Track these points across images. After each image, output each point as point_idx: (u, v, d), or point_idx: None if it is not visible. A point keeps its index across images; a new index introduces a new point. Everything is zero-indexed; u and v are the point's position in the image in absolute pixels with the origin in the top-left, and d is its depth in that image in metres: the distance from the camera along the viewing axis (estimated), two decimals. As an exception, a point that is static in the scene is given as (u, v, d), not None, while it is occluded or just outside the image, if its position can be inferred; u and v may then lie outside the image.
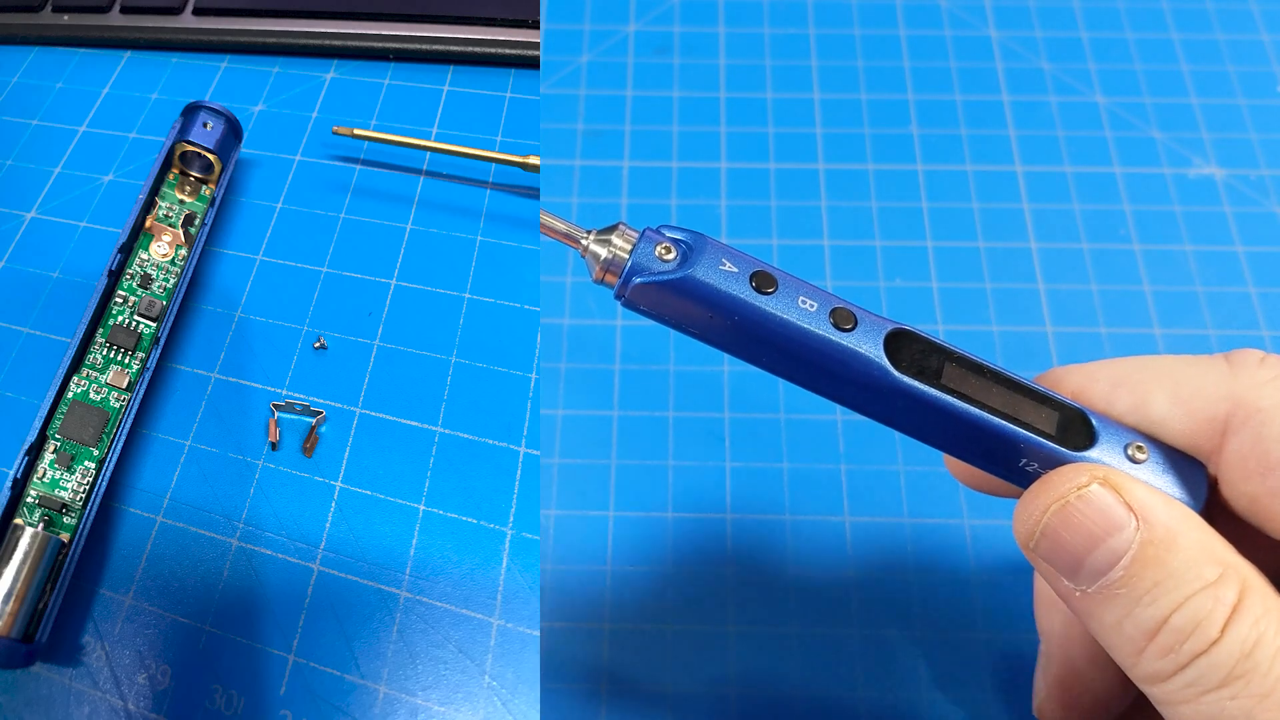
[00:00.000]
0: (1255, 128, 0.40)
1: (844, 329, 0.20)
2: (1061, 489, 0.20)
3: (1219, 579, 0.19)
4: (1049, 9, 0.44)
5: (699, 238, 0.21)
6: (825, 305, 0.21)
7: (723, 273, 0.20)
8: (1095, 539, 0.20)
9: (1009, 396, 0.21)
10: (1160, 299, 0.36)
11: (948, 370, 0.21)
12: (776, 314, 0.20)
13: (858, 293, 0.36)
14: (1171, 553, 0.19)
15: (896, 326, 0.21)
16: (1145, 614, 0.19)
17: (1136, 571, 0.19)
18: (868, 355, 0.20)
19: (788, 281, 0.21)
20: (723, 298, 0.20)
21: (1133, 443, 0.22)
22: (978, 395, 0.21)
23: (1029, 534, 0.21)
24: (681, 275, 0.20)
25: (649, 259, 0.20)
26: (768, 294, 0.20)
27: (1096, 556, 0.20)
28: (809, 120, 0.41)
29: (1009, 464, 0.22)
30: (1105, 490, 0.20)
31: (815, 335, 0.20)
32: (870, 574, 0.31)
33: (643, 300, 0.21)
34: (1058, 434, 0.21)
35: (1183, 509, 0.20)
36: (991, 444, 0.21)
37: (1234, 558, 0.20)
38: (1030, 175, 0.39)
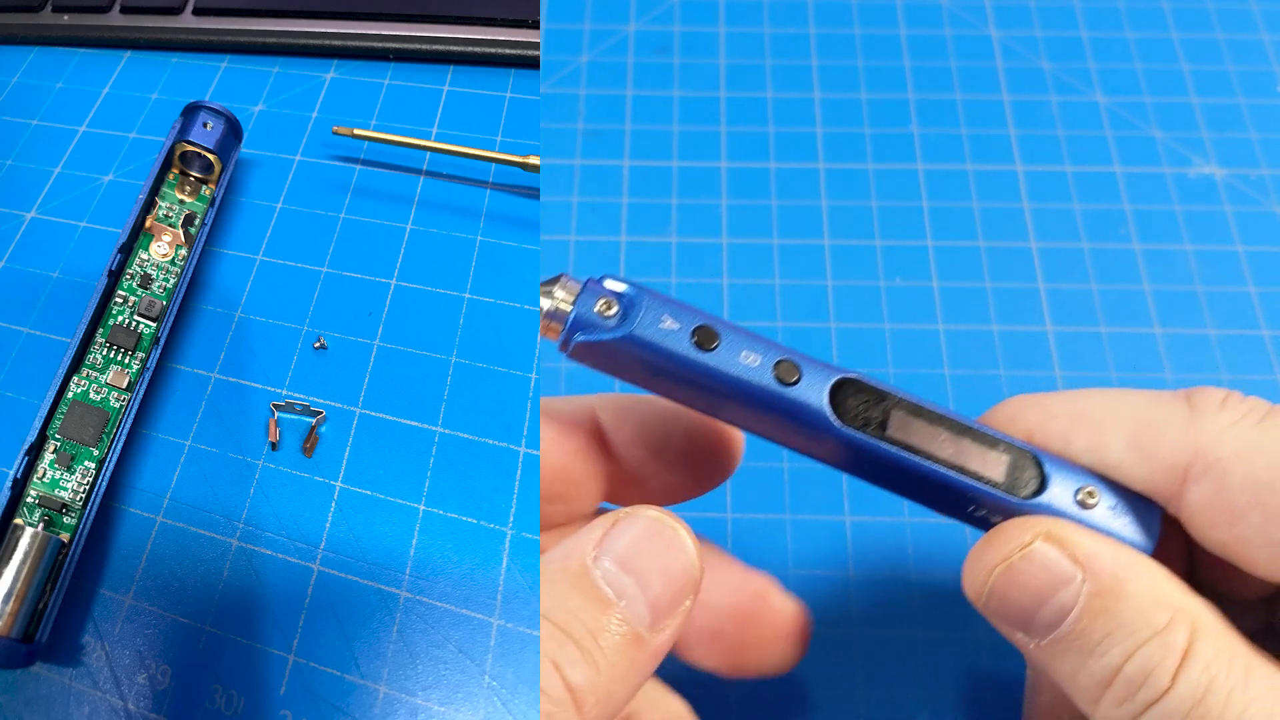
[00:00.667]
0: (1255, 127, 0.40)
1: (788, 383, 0.20)
2: (1005, 549, 0.20)
3: (1168, 625, 0.19)
4: (1049, 8, 0.44)
5: (640, 292, 0.21)
6: (769, 359, 0.20)
7: (664, 330, 0.20)
8: (1042, 596, 0.20)
9: (957, 443, 0.21)
10: (1160, 298, 0.36)
11: (894, 419, 0.21)
12: (719, 370, 0.20)
13: (858, 292, 0.36)
14: (1119, 602, 0.19)
15: (842, 376, 0.21)
16: (1098, 665, 0.19)
17: (1086, 624, 0.19)
18: (812, 408, 0.20)
19: (730, 336, 0.20)
20: (665, 355, 0.20)
21: (1084, 487, 0.21)
22: (924, 445, 0.21)
23: (977, 594, 0.21)
24: (622, 334, 0.20)
25: (590, 314, 0.20)
26: (710, 350, 0.20)
27: (1045, 612, 0.20)
28: (809, 119, 0.41)
29: (959, 510, 0.22)
30: (1049, 545, 0.20)
31: (760, 389, 0.20)
32: (870, 574, 0.31)
33: (585, 357, 0.21)
34: (1006, 481, 0.21)
35: (1131, 555, 0.20)
36: (939, 493, 0.21)
37: (1184, 600, 0.20)
38: (1030, 174, 0.39)
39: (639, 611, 0.18)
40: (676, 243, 0.38)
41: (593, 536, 0.19)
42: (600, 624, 0.18)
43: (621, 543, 0.19)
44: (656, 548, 0.19)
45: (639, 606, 0.18)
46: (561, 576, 0.18)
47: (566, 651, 0.17)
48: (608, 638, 0.18)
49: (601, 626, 0.18)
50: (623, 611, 0.18)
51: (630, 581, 0.18)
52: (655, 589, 0.19)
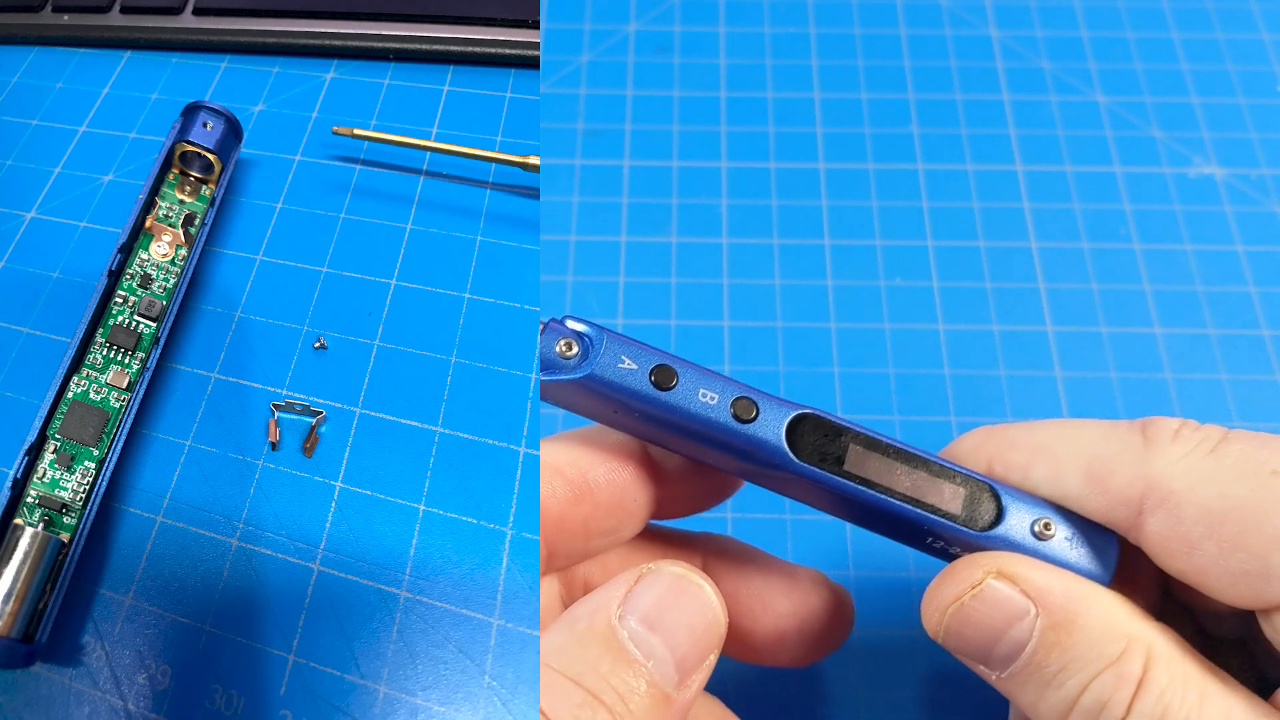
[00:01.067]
0: (1255, 127, 0.40)
1: (746, 420, 0.21)
2: (957, 589, 0.21)
3: (1121, 655, 0.19)
4: (1049, 8, 0.44)
5: (600, 333, 0.21)
6: (726, 396, 0.21)
7: (622, 370, 0.21)
8: (997, 632, 0.20)
9: (913, 477, 0.21)
10: (1160, 298, 0.36)
11: (851, 454, 0.21)
12: (678, 407, 0.21)
13: (858, 292, 0.36)
14: (1072, 635, 0.20)
15: (799, 412, 0.21)
16: (1056, 696, 0.20)
17: (1042, 657, 0.20)
18: (770, 444, 0.21)
19: (688, 375, 0.21)
20: (624, 394, 0.21)
21: (1040, 518, 0.22)
22: (881, 479, 0.21)
23: (935, 631, 0.21)
24: (582, 375, 0.21)
25: (551, 354, 0.21)
26: (669, 389, 0.21)
27: (1001, 647, 0.20)
28: (809, 119, 0.41)
29: (917, 541, 0.22)
30: (1000, 583, 0.20)
31: (718, 425, 0.21)
32: (870, 573, 0.31)
33: (548, 396, 0.21)
34: (963, 513, 0.21)
35: (1083, 586, 0.20)
36: (898, 525, 0.22)
37: (1139, 627, 0.20)
38: (1030, 174, 0.39)
39: (667, 672, 0.18)
40: (676, 243, 0.38)
41: (616, 595, 0.19)
42: (629, 686, 0.18)
43: (646, 601, 0.19)
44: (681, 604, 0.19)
45: (666, 667, 0.18)
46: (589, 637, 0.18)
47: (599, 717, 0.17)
48: (636, 700, 0.18)
49: (630, 689, 0.18)
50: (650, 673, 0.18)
51: (658, 641, 0.18)
52: (682, 648, 0.18)
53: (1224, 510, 0.19)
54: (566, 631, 0.19)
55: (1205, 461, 0.20)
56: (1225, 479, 0.20)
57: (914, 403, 0.34)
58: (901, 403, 0.34)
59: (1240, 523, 0.19)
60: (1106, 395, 0.34)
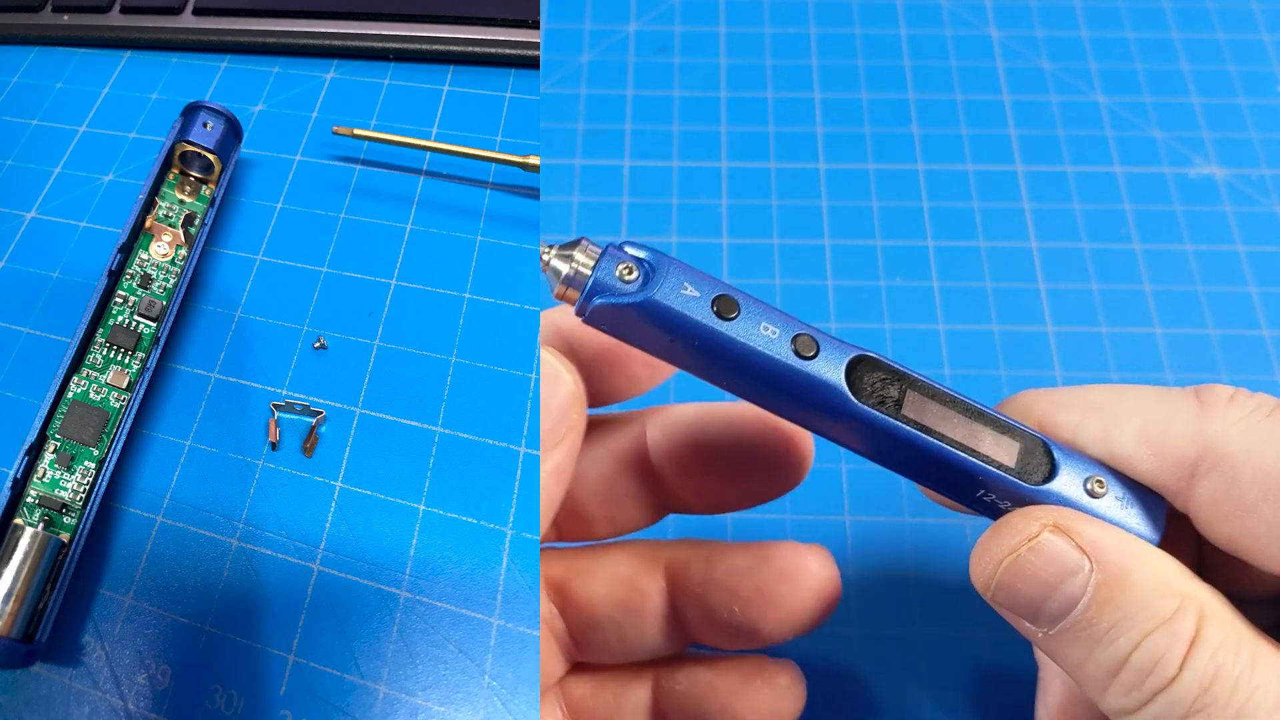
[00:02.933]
0: (1256, 127, 0.40)
1: (806, 356, 0.20)
2: (1012, 541, 0.20)
3: (1175, 613, 0.19)
4: (1050, 8, 0.44)
5: (661, 258, 0.20)
6: (787, 332, 0.20)
7: (684, 296, 0.20)
8: (1050, 587, 0.20)
9: (970, 427, 0.21)
10: (1161, 298, 0.36)
11: (909, 399, 0.21)
12: (738, 340, 0.20)
13: (858, 292, 0.36)
14: (1125, 592, 0.19)
15: (859, 353, 0.21)
16: (1106, 654, 0.19)
17: (1094, 614, 0.20)
18: (829, 383, 0.20)
19: (750, 307, 0.20)
20: (684, 322, 0.20)
21: (1093, 476, 0.21)
22: (938, 426, 0.21)
23: (985, 585, 0.21)
24: (643, 299, 0.20)
25: (610, 278, 0.20)
26: (730, 319, 0.20)
27: (1053, 602, 0.20)
28: (809, 119, 0.41)
29: (968, 493, 0.22)
30: (1056, 536, 0.20)
31: (777, 362, 0.20)
32: (870, 574, 0.31)
33: (603, 320, 0.21)
34: (1017, 466, 0.21)
35: (1137, 544, 0.20)
36: (950, 474, 0.21)
37: (1192, 586, 0.20)
38: (1031, 174, 0.39)
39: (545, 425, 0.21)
40: (677, 243, 0.38)
41: None
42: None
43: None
44: (545, 384, 0.21)
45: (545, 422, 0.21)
46: None
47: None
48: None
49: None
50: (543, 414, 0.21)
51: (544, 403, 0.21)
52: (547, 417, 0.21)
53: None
54: None
55: (1262, 425, 0.20)
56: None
57: (914, 403, 0.34)
58: (901, 403, 0.34)
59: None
60: (1107, 395, 0.34)
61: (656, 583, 0.25)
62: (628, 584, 0.24)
